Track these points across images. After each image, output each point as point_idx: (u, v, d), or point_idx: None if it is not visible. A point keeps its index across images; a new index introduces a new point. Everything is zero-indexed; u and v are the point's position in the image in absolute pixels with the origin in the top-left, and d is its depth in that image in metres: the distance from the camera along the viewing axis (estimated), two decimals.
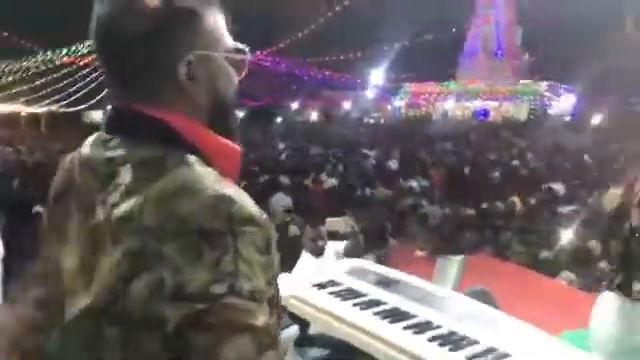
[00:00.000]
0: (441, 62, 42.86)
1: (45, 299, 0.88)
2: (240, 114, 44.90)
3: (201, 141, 0.86)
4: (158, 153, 0.81)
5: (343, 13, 32.32)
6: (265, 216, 0.80)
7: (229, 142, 0.90)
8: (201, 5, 0.88)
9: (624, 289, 2.51)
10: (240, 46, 0.94)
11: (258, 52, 35.41)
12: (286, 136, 29.11)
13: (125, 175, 0.80)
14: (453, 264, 2.92)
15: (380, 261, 5.78)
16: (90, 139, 0.91)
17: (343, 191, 10.18)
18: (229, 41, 0.93)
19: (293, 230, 5.43)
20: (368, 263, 2.62)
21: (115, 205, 0.78)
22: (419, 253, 6.04)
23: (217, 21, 0.90)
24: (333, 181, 11.12)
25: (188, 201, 0.75)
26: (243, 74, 0.96)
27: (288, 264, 5.07)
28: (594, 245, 7.50)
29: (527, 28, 43.20)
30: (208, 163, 0.83)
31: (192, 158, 0.81)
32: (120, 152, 0.83)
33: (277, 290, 0.83)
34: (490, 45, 43.69)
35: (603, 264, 6.57)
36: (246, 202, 0.78)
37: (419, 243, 6.23)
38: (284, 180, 10.76)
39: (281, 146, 21.21)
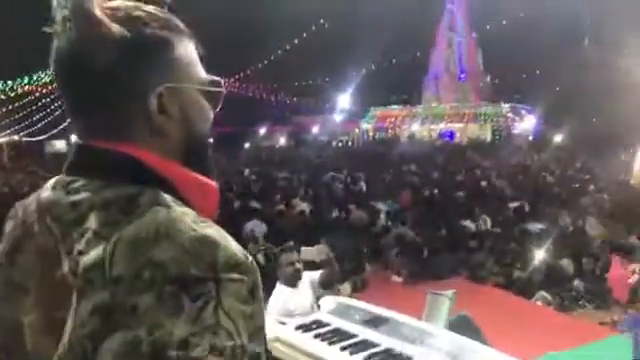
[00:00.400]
0: (406, 85, 43.72)
1: None
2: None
3: (177, 178, 0.79)
4: (129, 192, 0.73)
5: (309, 39, 32.65)
6: (251, 259, 0.71)
7: (206, 179, 0.83)
8: (172, 34, 0.81)
9: None
10: (215, 79, 0.87)
11: (226, 78, 35.46)
12: (254, 161, 28.94)
13: (92, 219, 0.71)
14: (444, 302, 2.81)
15: (357, 288, 5.72)
16: (50, 182, 0.81)
17: (316, 215, 10.16)
18: (203, 73, 0.86)
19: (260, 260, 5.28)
20: (352, 300, 2.49)
21: (82, 253, 0.69)
22: (395, 279, 5.98)
23: (190, 52, 0.84)
24: (305, 205, 11.06)
25: (165, 245, 0.66)
26: (218, 108, 0.89)
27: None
28: (566, 264, 7.58)
29: (487, 51, 44.47)
30: (185, 202, 0.76)
31: (167, 197, 0.74)
32: (86, 194, 0.74)
33: (264, 343, 0.74)
34: (453, 68, 44.69)
35: (577, 282, 6.64)
36: (230, 244, 0.70)
37: (395, 268, 6.17)
38: (255, 205, 10.68)
39: (248, 171, 20.99)
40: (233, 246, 0.70)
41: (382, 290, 5.65)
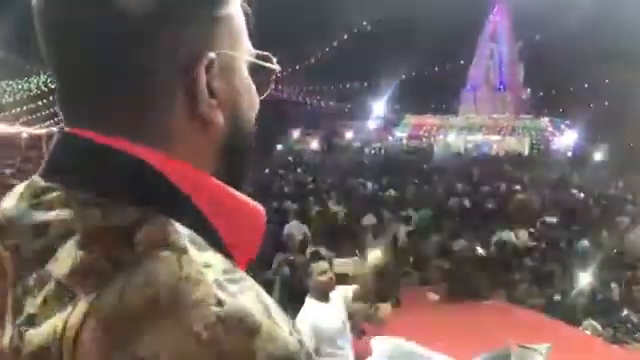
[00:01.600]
0: (443, 95, 42.96)
1: None
2: None
3: (209, 199, 0.53)
4: (125, 220, 0.47)
5: (348, 42, 32.34)
6: (307, 347, 0.45)
7: (251, 201, 0.57)
8: None
9: None
10: (265, 53, 0.63)
11: None
12: (287, 164, 28.86)
13: (60, 259, 0.46)
14: (536, 358, 2.43)
15: (392, 307, 5.36)
16: (20, 186, 0.56)
17: (352, 221, 9.83)
18: (249, 43, 0.62)
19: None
20: (409, 344, 2.16)
21: (31, 321, 0.44)
22: (432, 296, 5.61)
23: (239, 11, 0.60)
24: (340, 209, 10.80)
25: (166, 329, 0.40)
26: (266, 93, 0.65)
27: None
28: (614, 289, 7.09)
29: (530, 63, 43.45)
30: (213, 238, 0.51)
31: (184, 232, 0.47)
32: (59, 215, 0.49)
33: None
34: (492, 79, 43.80)
35: (626, 312, 6.15)
36: (278, 325, 0.43)
37: (432, 286, 5.81)
38: (291, 207, 10.50)
39: (283, 173, 20.90)
40: (281, 328, 0.44)
41: (418, 310, 5.29)
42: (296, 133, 46.63)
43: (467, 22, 42.94)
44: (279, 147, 43.95)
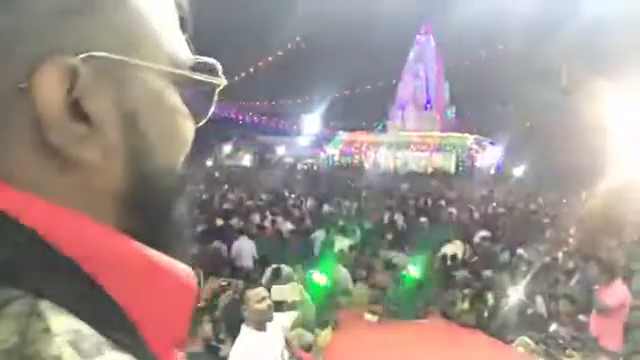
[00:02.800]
0: (373, 113, 43.93)
1: None
2: None
3: (100, 260, 0.38)
4: None
5: (281, 60, 32.39)
6: None
7: (173, 264, 0.42)
8: None
9: None
10: (209, 60, 0.47)
11: None
12: (219, 181, 28.33)
13: None
14: None
15: (332, 329, 5.22)
16: None
17: (301, 237, 9.75)
18: (182, 49, 0.45)
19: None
20: None
21: None
22: (369, 318, 5.50)
23: (154, 6, 0.43)
24: (289, 225, 10.65)
25: None
26: (207, 115, 0.49)
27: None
28: (540, 303, 7.28)
29: (456, 83, 45.24)
30: (117, 319, 0.37)
31: (65, 321, 0.34)
32: None
33: None
34: (419, 98, 45.15)
35: (554, 327, 6.30)
36: None
37: (369, 306, 5.71)
38: (238, 224, 10.31)
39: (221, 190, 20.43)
40: None
41: (357, 332, 5.17)
42: (227, 148, 45.97)
43: (398, 42, 44.24)
44: (208, 163, 43.15)
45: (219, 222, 10.44)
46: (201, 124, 0.49)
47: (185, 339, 0.44)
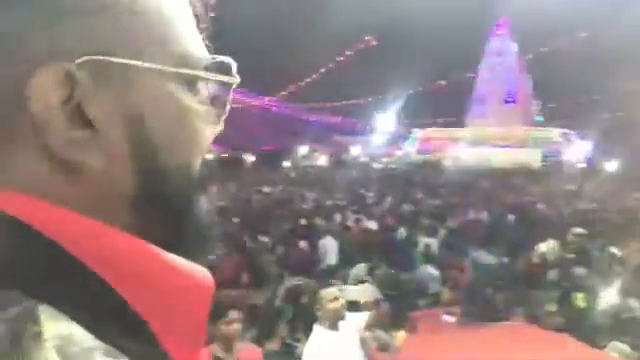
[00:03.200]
0: (451, 108, 42.84)
1: None
2: (251, 158, 45.49)
3: (110, 261, 0.38)
4: None
5: (355, 57, 32.30)
6: None
7: (188, 264, 0.41)
8: None
9: None
10: (224, 59, 0.46)
11: (266, 98, 35.51)
12: (295, 181, 28.86)
13: None
14: None
15: (407, 330, 5.12)
16: None
17: (385, 234, 9.71)
18: (197, 48, 0.45)
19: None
20: None
21: None
22: (447, 319, 5.35)
23: (166, 4, 0.43)
24: (373, 224, 10.68)
25: None
26: (223, 116, 0.48)
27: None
28: (636, 305, 6.80)
29: (539, 74, 43.29)
30: (129, 324, 0.37)
31: (72, 329, 0.34)
32: None
33: None
34: (500, 91, 43.59)
35: None
36: None
37: (448, 307, 5.54)
38: (321, 223, 10.51)
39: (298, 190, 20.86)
40: None
41: (434, 333, 5.03)
42: (303, 149, 46.58)
43: (474, 34, 42.94)
44: (286, 164, 43.96)
45: (302, 222, 10.67)
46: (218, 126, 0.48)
47: (204, 339, 0.42)
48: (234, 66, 0.46)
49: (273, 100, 35.89)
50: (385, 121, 42.23)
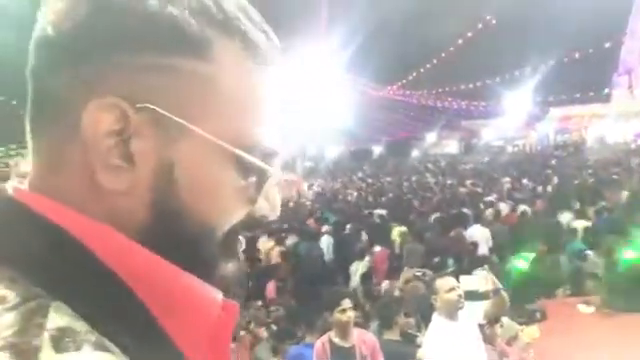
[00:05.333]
0: (593, 82, 39.09)
1: None
2: (378, 149, 45.50)
3: (141, 273, 0.45)
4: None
5: (475, 39, 30.76)
6: None
7: (198, 284, 0.47)
8: (215, 32, 0.47)
9: None
10: (271, 149, 0.50)
11: (389, 86, 35.19)
12: (428, 170, 28.44)
13: None
14: None
15: (533, 320, 4.85)
16: None
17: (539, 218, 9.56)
18: (258, 133, 0.49)
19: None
20: None
21: None
22: (582, 309, 4.96)
23: (243, 81, 0.48)
24: (525, 207, 10.48)
25: None
26: (258, 196, 0.51)
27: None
28: None
29: None
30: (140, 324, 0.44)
31: (54, 322, 0.39)
32: None
33: None
34: None
35: None
36: None
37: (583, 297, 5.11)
38: (468, 212, 10.48)
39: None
40: None
41: (567, 324, 4.69)
42: (432, 136, 45.59)
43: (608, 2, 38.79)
44: (414, 153, 43.38)
45: (453, 211, 10.73)
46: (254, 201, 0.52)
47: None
48: (276, 155, 0.51)
49: (395, 89, 35.44)
50: (517, 101, 39.73)
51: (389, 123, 39.07)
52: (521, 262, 6.20)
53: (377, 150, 47.20)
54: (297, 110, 31.48)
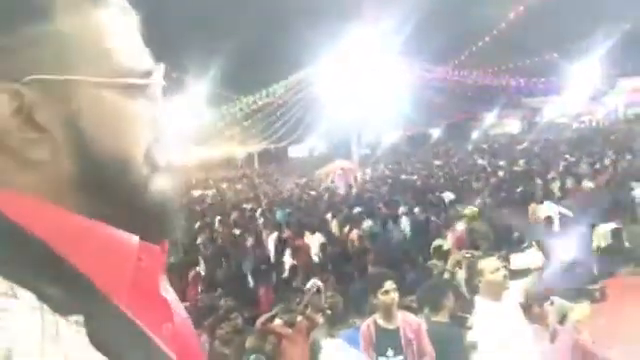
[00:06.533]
0: None
1: None
2: (436, 132, 44.54)
3: (62, 237, 0.52)
4: None
5: (527, 12, 29.31)
6: None
7: (107, 230, 0.54)
8: None
9: None
10: (150, 66, 0.58)
11: (442, 68, 34.26)
12: (485, 152, 27.68)
13: None
14: None
15: (594, 300, 4.62)
16: None
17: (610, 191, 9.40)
18: (130, 60, 0.56)
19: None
20: None
21: None
22: None
23: (99, 25, 0.54)
24: (590, 184, 10.53)
25: None
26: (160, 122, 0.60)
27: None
28: None
29: None
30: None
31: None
32: None
33: None
34: None
35: None
36: None
37: None
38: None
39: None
40: None
41: (629, 303, 4.45)
42: (491, 117, 44.19)
43: None
44: (474, 134, 42.20)
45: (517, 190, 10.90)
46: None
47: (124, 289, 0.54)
48: (158, 69, 0.58)
49: (450, 70, 34.51)
50: (580, 75, 37.81)
51: (446, 105, 38.17)
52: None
53: (435, 134, 46.29)
54: (352, 96, 31.38)
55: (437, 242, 7.78)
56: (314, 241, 9.24)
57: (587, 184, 10.72)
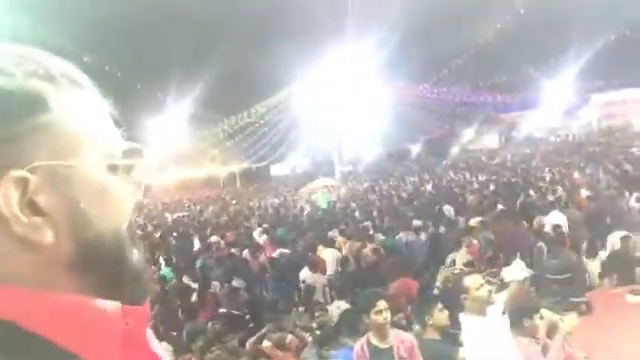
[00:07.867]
0: (633, 66, 37.58)
1: None
2: (416, 148, 45.00)
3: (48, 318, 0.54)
4: None
5: (504, 30, 30.06)
6: None
7: (89, 304, 0.56)
8: (48, 85, 0.55)
9: None
10: (130, 146, 0.62)
11: (421, 85, 34.81)
12: (466, 168, 28.00)
13: None
14: None
15: (581, 313, 4.73)
16: None
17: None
18: (113, 142, 0.61)
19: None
20: None
21: None
22: (631, 299, 4.80)
23: (84, 111, 0.58)
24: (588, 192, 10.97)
25: None
26: (141, 187, 0.64)
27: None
28: None
29: None
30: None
31: None
32: None
33: None
34: None
35: None
36: None
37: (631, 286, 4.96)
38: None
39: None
40: None
41: (613, 314, 4.57)
42: (469, 132, 44.76)
43: None
44: (453, 150, 42.66)
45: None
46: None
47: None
48: (137, 149, 0.63)
49: (429, 87, 35.06)
50: (555, 90, 38.62)
51: (425, 122, 38.66)
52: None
53: (415, 150, 46.70)
54: (333, 114, 31.60)
55: (452, 256, 7.87)
56: (327, 256, 9.16)
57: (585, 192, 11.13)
